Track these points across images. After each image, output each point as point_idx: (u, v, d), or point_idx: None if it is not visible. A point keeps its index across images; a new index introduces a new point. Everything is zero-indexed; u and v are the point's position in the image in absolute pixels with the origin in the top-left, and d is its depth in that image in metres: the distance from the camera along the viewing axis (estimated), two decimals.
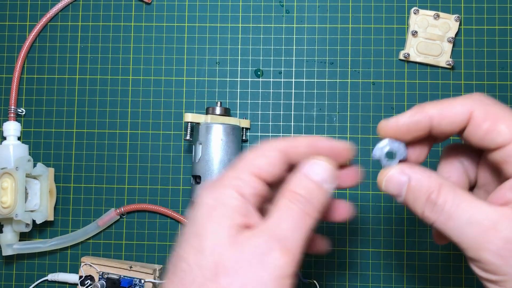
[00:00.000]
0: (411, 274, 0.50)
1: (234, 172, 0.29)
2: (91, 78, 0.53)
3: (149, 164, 0.52)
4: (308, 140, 0.31)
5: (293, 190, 0.28)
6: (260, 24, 0.53)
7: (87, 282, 0.49)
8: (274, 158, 0.29)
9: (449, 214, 0.27)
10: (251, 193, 0.28)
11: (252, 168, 0.29)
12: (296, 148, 0.30)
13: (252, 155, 0.29)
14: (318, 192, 0.28)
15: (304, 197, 0.28)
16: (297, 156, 0.30)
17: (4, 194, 0.46)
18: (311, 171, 0.29)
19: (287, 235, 0.26)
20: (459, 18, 0.50)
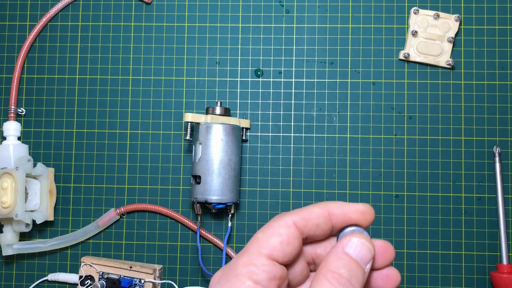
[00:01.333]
0: (411, 274, 0.50)
1: (247, 257, 0.27)
2: (91, 78, 0.53)
3: (149, 164, 0.52)
4: (321, 210, 0.28)
5: (334, 271, 0.26)
6: (260, 24, 0.53)
7: (87, 282, 0.49)
8: (288, 235, 0.27)
9: None
10: (267, 278, 0.26)
11: (265, 250, 0.27)
12: (309, 220, 0.28)
13: (264, 236, 0.27)
14: (359, 271, 0.26)
15: (345, 278, 0.26)
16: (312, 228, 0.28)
17: (4, 194, 0.46)
18: (352, 249, 0.27)
19: None
20: (459, 18, 0.50)
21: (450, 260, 0.50)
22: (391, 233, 0.50)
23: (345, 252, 0.27)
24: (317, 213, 0.28)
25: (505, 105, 0.51)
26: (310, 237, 0.28)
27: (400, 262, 0.50)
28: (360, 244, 0.27)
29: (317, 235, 0.28)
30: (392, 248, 0.29)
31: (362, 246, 0.27)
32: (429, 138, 0.51)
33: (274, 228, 0.27)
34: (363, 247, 0.27)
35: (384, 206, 0.50)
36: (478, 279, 0.49)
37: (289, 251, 0.27)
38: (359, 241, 0.27)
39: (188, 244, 0.51)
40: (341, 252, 0.27)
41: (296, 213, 0.28)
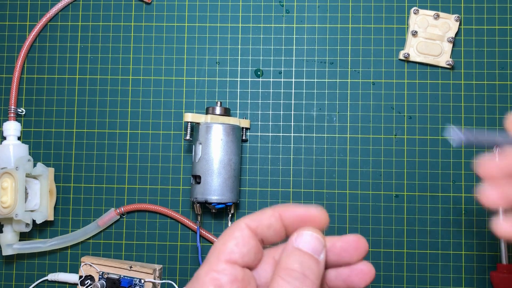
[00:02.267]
0: (411, 274, 0.50)
1: (207, 266, 0.28)
2: (91, 78, 0.53)
3: (149, 164, 0.52)
4: (271, 211, 0.29)
5: (287, 267, 0.27)
6: (260, 24, 0.53)
7: (87, 282, 0.49)
8: (243, 237, 0.28)
9: None
10: (228, 281, 0.27)
11: (223, 255, 0.27)
12: (261, 221, 0.29)
13: (220, 242, 0.28)
14: (313, 263, 0.27)
15: (299, 272, 0.26)
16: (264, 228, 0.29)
17: (4, 194, 0.46)
18: (302, 243, 0.27)
19: None
20: (459, 18, 0.50)
21: (450, 260, 0.50)
22: (391, 233, 0.50)
23: (295, 247, 0.27)
24: (268, 214, 0.29)
25: (505, 105, 0.51)
26: (266, 238, 0.29)
27: (400, 262, 0.50)
28: (308, 236, 0.27)
29: (272, 236, 0.29)
30: (364, 241, 0.29)
31: (311, 237, 0.27)
32: (429, 138, 0.51)
33: (229, 233, 0.28)
34: (311, 238, 0.27)
35: (384, 206, 0.50)
36: (478, 279, 0.49)
37: (246, 252, 0.28)
38: (306, 233, 0.28)
39: (188, 244, 0.51)
40: (291, 248, 0.27)
41: (249, 216, 0.29)
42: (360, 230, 0.50)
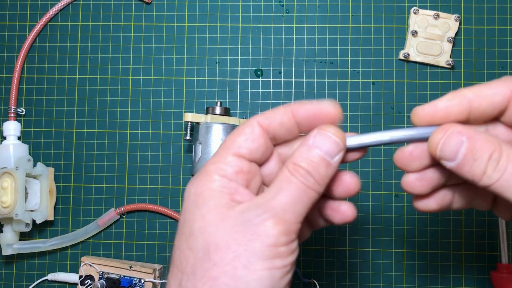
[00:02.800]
0: (411, 274, 0.50)
1: (215, 157, 0.29)
2: (91, 78, 0.53)
3: (149, 163, 0.52)
4: (284, 108, 0.29)
5: (295, 162, 0.27)
6: (260, 24, 0.53)
7: (87, 281, 0.49)
8: (252, 133, 0.29)
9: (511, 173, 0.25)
10: (234, 172, 0.28)
11: (231, 149, 0.28)
12: (272, 119, 0.29)
13: (230, 137, 0.29)
14: (322, 165, 0.27)
15: (306, 169, 0.27)
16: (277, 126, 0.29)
17: (4, 193, 0.46)
18: (315, 143, 0.27)
19: (283, 206, 0.26)
20: (459, 18, 0.50)
21: (449, 259, 0.50)
22: (391, 233, 0.50)
23: (309, 145, 0.27)
24: (281, 112, 0.29)
25: None
26: (278, 136, 0.29)
27: (400, 262, 0.50)
28: (324, 137, 0.28)
29: (283, 134, 0.29)
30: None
31: (326, 139, 0.28)
32: None
33: (240, 129, 0.29)
34: (327, 139, 0.28)
35: (384, 206, 0.50)
36: (478, 278, 0.49)
37: (254, 148, 0.28)
38: (324, 133, 0.28)
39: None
40: (305, 145, 0.28)
41: (261, 114, 0.29)
42: (360, 230, 0.50)
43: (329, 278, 0.50)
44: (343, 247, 0.50)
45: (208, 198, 0.27)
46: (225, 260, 0.25)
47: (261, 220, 0.26)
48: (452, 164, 0.27)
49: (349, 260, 0.50)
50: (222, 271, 0.25)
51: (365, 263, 0.50)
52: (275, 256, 0.25)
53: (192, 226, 0.26)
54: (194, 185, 0.28)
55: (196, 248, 0.26)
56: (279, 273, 0.25)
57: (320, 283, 0.50)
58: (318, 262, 0.50)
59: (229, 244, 0.25)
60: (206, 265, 0.25)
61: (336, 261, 0.50)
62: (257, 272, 0.25)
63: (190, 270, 0.26)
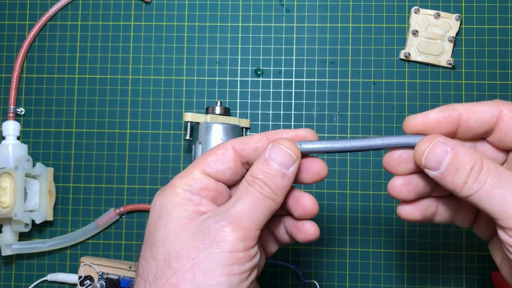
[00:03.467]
0: (411, 274, 0.50)
1: (184, 172, 0.30)
2: (90, 77, 0.53)
3: (148, 164, 0.52)
4: (260, 135, 0.31)
5: (252, 174, 0.28)
6: (260, 23, 0.53)
7: (86, 282, 0.49)
8: (223, 155, 0.30)
9: (492, 185, 0.26)
10: (199, 188, 0.29)
11: (201, 166, 0.30)
12: (247, 144, 0.30)
13: (203, 154, 0.31)
14: (277, 175, 0.28)
15: (262, 180, 0.28)
16: (250, 151, 0.30)
17: (3, 194, 0.46)
18: (271, 155, 0.29)
19: (240, 213, 0.27)
20: (459, 18, 0.50)
21: (450, 260, 0.49)
22: (392, 233, 0.50)
23: (265, 158, 0.29)
24: (256, 138, 0.30)
25: None
26: (251, 161, 0.31)
27: (401, 262, 0.50)
28: (278, 149, 0.29)
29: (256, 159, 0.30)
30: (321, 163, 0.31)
31: (280, 151, 0.29)
32: None
33: (213, 150, 0.31)
34: (281, 152, 0.29)
35: (384, 206, 0.50)
36: (479, 279, 0.49)
37: (222, 169, 0.30)
38: (277, 146, 0.29)
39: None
40: (262, 158, 0.29)
41: (238, 139, 0.31)
42: (361, 230, 0.50)
43: (330, 279, 0.50)
44: (344, 247, 0.50)
45: (171, 209, 0.28)
46: (185, 267, 0.26)
47: (219, 227, 0.26)
48: (436, 173, 0.28)
49: (349, 260, 0.50)
50: (182, 278, 0.25)
51: (365, 264, 0.50)
52: (234, 262, 0.26)
53: (155, 236, 0.28)
54: (159, 197, 0.29)
55: (158, 257, 0.27)
56: (238, 279, 0.26)
57: (320, 283, 0.50)
58: (318, 262, 0.50)
59: (189, 251, 0.26)
60: (167, 273, 0.26)
61: (337, 261, 0.50)
62: (216, 278, 0.25)
63: (152, 278, 0.27)
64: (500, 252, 0.31)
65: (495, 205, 0.26)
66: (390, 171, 0.30)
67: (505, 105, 0.29)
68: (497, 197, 0.26)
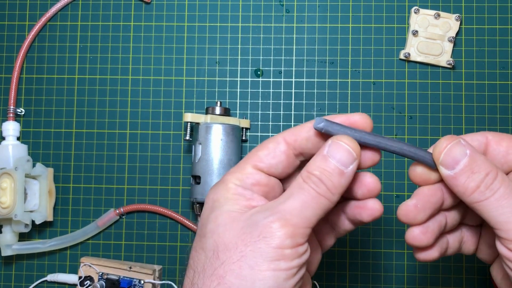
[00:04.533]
0: (412, 274, 0.50)
1: (236, 167, 0.30)
2: (90, 78, 0.53)
3: (148, 164, 0.52)
4: (310, 124, 0.30)
5: (309, 171, 0.28)
6: (260, 23, 0.53)
7: (86, 282, 0.49)
8: (275, 150, 0.30)
9: (503, 194, 0.26)
10: (251, 183, 0.29)
11: (252, 161, 0.30)
12: (299, 135, 0.30)
13: (254, 151, 0.30)
14: (335, 173, 0.28)
15: (318, 177, 0.27)
16: (303, 142, 0.30)
17: (3, 194, 0.46)
18: (330, 152, 0.28)
19: (290, 210, 0.27)
20: (459, 18, 0.50)
21: (450, 260, 0.49)
22: (392, 233, 0.50)
23: (323, 154, 0.28)
24: (307, 127, 0.30)
25: (506, 105, 0.51)
26: (305, 151, 0.30)
27: (401, 262, 0.50)
28: (338, 146, 0.28)
29: (311, 149, 0.30)
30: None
31: (340, 148, 0.28)
32: (430, 138, 0.51)
33: (264, 144, 0.30)
34: (341, 149, 0.28)
35: (384, 207, 0.50)
36: (479, 279, 0.49)
37: (274, 164, 0.30)
38: (337, 143, 0.28)
39: (188, 244, 0.51)
40: (320, 154, 0.28)
41: (288, 130, 0.30)
42: (361, 231, 0.50)
43: (330, 279, 0.50)
44: (344, 247, 0.50)
45: (223, 203, 0.28)
46: (232, 260, 0.26)
47: (268, 222, 0.26)
48: (450, 173, 0.28)
49: (349, 260, 0.50)
50: (228, 270, 0.26)
51: (365, 264, 0.50)
52: (280, 258, 0.26)
53: (206, 228, 0.28)
54: (212, 192, 0.30)
55: (207, 248, 0.27)
56: (284, 275, 0.26)
57: (320, 283, 0.50)
58: None
59: (237, 244, 0.26)
60: (215, 264, 0.26)
61: (337, 261, 0.50)
62: (262, 272, 0.25)
63: (201, 269, 0.27)
64: (500, 272, 0.31)
65: (502, 215, 0.26)
66: (409, 223, 0.30)
67: (491, 133, 0.30)
68: (506, 208, 0.26)
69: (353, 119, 0.30)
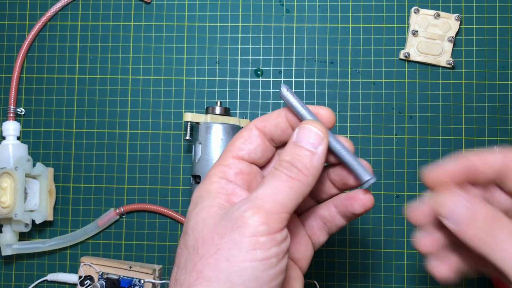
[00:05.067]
0: (411, 274, 0.50)
1: (218, 161, 0.31)
2: (90, 77, 0.53)
3: (148, 164, 0.52)
4: (278, 112, 0.31)
5: (280, 159, 0.29)
6: (260, 23, 0.53)
7: (86, 282, 0.49)
8: (249, 135, 0.31)
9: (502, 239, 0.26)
10: (234, 173, 0.30)
11: (232, 151, 0.31)
12: (268, 121, 0.31)
13: (231, 141, 0.31)
14: (305, 155, 0.28)
15: (289, 162, 0.28)
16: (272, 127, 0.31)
17: (4, 194, 0.46)
18: (298, 137, 0.29)
19: (263, 197, 0.27)
20: (459, 18, 0.50)
21: None
22: (391, 233, 0.50)
23: (292, 141, 0.29)
24: (276, 114, 0.31)
25: (506, 104, 0.51)
26: (274, 137, 0.31)
27: (401, 262, 0.50)
28: (305, 130, 0.29)
29: (279, 135, 0.31)
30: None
31: (306, 130, 0.29)
32: (430, 138, 0.51)
33: (238, 134, 0.31)
34: (308, 131, 0.29)
35: (384, 206, 0.50)
36: (479, 279, 0.49)
37: (252, 148, 0.31)
38: (303, 127, 0.29)
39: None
40: (289, 142, 0.29)
41: (259, 118, 0.32)
42: (361, 231, 0.50)
43: (329, 279, 0.50)
44: (343, 247, 0.50)
45: (205, 198, 0.29)
46: (209, 253, 0.26)
47: (240, 212, 0.26)
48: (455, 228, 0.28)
49: (349, 260, 0.50)
50: (206, 264, 0.26)
51: (365, 264, 0.50)
52: (256, 247, 0.25)
53: (188, 225, 0.28)
54: (198, 188, 0.30)
55: (188, 245, 0.27)
56: (261, 266, 0.25)
57: (320, 283, 0.50)
58: (318, 262, 0.50)
59: (213, 238, 0.26)
60: (195, 259, 0.26)
61: (337, 261, 0.50)
62: (238, 264, 0.25)
63: (183, 265, 0.27)
64: None
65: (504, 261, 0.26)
66: (416, 223, 0.31)
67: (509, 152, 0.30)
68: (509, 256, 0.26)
69: (316, 111, 0.31)
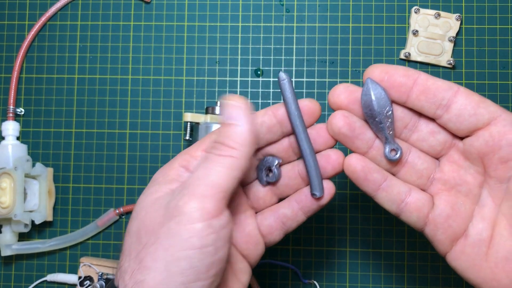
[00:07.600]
0: (412, 274, 0.50)
1: (188, 149, 0.30)
2: (90, 77, 0.53)
3: (148, 164, 0.52)
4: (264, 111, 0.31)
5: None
6: (260, 23, 0.52)
7: (86, 282, 0.49)
8: None
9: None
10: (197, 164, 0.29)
11: (202, 145, 0.30)
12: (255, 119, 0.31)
13: (208, 134, 0.31)
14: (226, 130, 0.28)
15: (216, 141, 0.28)
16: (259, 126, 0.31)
17: (3, 194, 0.46)
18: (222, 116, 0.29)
19: (195, 181, 0.26)
20: (460, 17, 0.50)
21: None
22: (392, 234, 0.50)
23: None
24: (261, 113, 0.31)
25: (506, 104, 0.50)
26: (261, 136, 0.31)
27: (401, 262, 0.50)
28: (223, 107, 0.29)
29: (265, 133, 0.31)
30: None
31: (224, 108, 0.28)
32: None
33: (210, 134, 0.31)
34: (225, 107, 0.28)
35: None
36: None
37: None
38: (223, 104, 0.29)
39: None
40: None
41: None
42: (361, 231, 0.50)
43: (330, 279, 0.50)
44: (344, 247, 0.50)
45: (157, 183, 0.28)
46: (150, 242, 0.25)
47: (176, 201, 0.26)
48: None
49: (349, 261, 0.50)
50: (147, 253, 0.25)
51: (365, 264, 0.50)
52: (192, 234, 0.25)
53: (135, 210, 0.28)
54: (159, 170, 0.30)
55: (132, 231, 0.27)
56: (199, 254, 0.25)
57: (320, 284, 0.50)
58: (318, 263, 0.50)
59: (154, 227, 0.26)
60: (138, 247, 0.26)
61: (337, 262, 0.50)
62: (176, 253, 0.25)
63: (127, 252, 0.27)
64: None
65: None
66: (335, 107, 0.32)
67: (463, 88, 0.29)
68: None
69: (303, 103, 0.31)
